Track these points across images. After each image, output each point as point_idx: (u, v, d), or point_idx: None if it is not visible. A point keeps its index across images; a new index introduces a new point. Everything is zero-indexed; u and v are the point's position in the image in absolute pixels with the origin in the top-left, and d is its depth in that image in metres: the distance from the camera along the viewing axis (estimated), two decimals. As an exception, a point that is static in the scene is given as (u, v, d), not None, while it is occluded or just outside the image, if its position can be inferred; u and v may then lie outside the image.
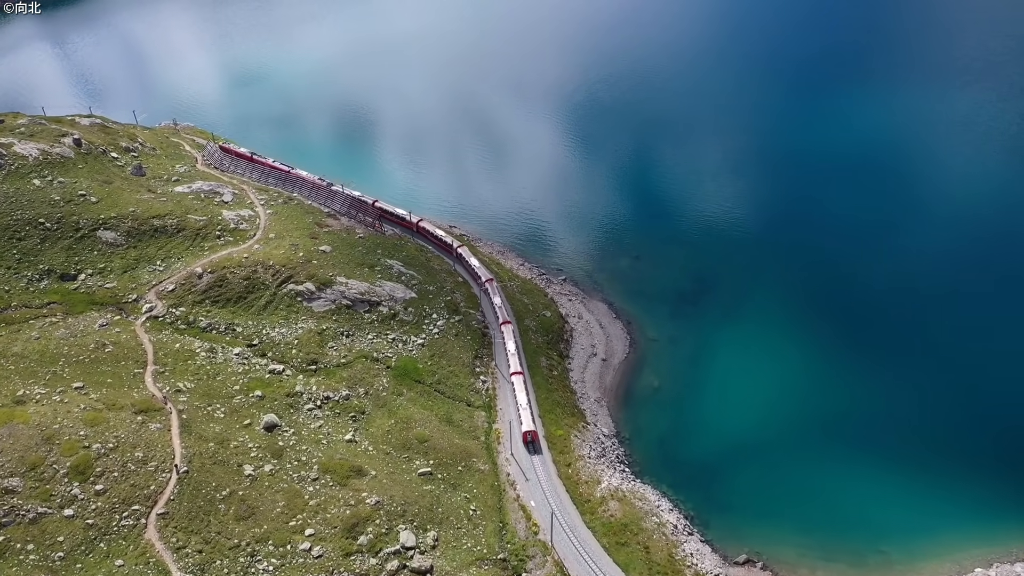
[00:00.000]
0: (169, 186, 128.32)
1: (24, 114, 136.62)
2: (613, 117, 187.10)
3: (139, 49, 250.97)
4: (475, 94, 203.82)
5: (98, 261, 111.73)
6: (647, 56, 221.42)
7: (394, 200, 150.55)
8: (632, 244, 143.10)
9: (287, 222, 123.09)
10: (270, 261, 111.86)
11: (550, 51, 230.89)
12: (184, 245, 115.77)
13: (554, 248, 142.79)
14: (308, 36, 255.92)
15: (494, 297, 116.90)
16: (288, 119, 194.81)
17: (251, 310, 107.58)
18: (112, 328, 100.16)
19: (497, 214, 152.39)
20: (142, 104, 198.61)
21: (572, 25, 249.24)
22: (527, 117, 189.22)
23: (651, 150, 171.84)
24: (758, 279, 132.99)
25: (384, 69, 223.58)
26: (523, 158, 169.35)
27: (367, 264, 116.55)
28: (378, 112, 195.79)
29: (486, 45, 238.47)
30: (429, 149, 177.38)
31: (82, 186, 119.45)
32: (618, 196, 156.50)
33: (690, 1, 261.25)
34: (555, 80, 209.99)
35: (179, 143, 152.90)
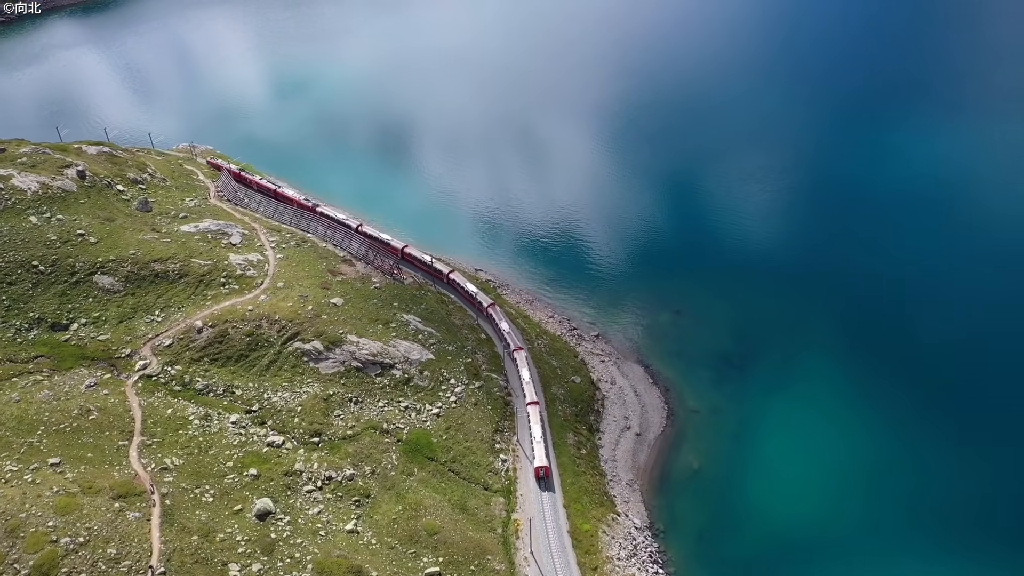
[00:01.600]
0: (175, 224, 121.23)
1: (28, 141, 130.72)
2: (653, 148, 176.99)
3: (160, 62, 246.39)
4: (510, 118, 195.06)
5: (93, 309, 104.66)
6: (691, 80, 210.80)
7: (418, 235, 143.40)
8: (672, 295, 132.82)
9: (298, 268, 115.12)
10: (276, 315, 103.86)
11: (589, 72, 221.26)
12: (186, 293, 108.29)
13: (587, 297, 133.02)
14: (341, 50, 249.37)
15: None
16: (312, 141, 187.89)
17: (252, 370, 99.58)
18: (100, 390, 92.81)
19: (526, 255, 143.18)
20: (160, 122, 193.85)
21: (614, 44, 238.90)
22: (562, 145, 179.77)
23: (693, 186, 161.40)
24: (813, 339, 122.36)
25: (417, 89, 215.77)
26: (556, 193, 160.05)
27: (381, 320, 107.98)
28: (407, 136, 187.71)
29: (522, 64, 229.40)
30: (458, 179, 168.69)
31: (82, 224, 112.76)
32: (658, 239, 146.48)
33: (739, 24, 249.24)
34: (593, 104, 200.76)
35: (192, 171, 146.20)
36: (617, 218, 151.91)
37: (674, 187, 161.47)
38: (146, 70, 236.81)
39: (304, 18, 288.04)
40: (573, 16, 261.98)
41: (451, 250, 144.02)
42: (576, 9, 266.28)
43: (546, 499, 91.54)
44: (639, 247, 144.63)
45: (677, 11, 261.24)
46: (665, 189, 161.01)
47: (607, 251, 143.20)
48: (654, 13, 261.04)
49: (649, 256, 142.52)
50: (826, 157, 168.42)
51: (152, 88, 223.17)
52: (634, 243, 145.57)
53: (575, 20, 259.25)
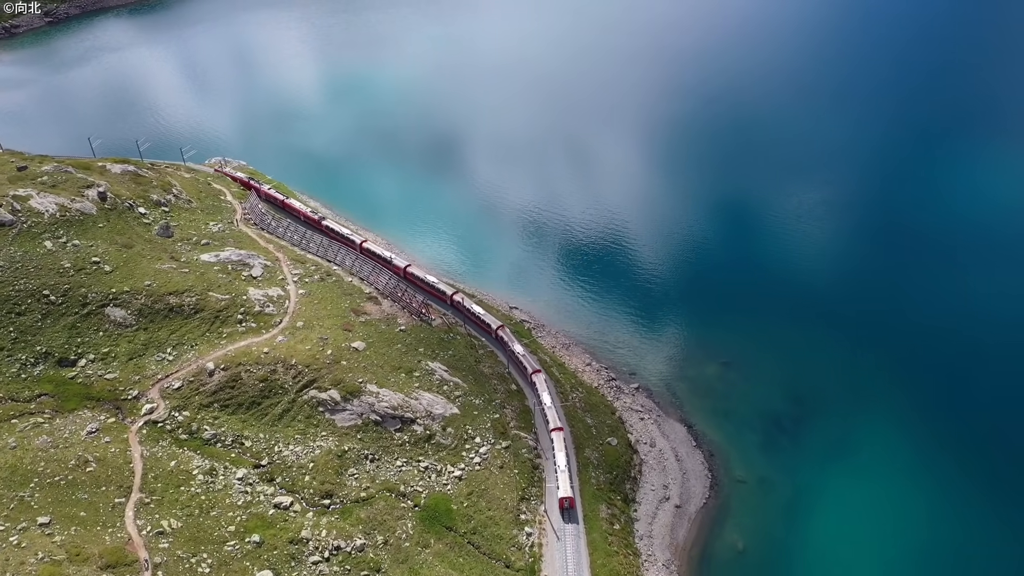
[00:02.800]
0: (196, 252, 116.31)
1: (52, 158, 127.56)
2: (706, 177, 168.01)
3: (201, 68, 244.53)
4: (557, 138, 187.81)
5: (102, 344, 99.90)
6: (751, 102, 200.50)
7: (453, 267, 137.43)
8: (721, 345, 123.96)
9: (320, 307, 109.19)
10: (292, 359, 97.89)
11: (643, 91, 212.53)
12: (200, 330, 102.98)
13: (629, 342, 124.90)
14: (387, 59, 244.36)
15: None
16: (350, 157, 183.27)
17: (264, 419, 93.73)
18: (101, 437, 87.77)
19: (565, 292, 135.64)
20: (195, 132, 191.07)
21: (670, 62, 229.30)
22: (609, 171, 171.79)
23: (747, 222, 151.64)
24: (877, 402, 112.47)
25: (462, 104, 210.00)
26: (600, 226, 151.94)
27: (405, 368, 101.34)
28: (449, 155, 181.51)
29: (575, 80, 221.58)
30: (498, 206, 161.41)
31: (98, 251, 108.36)
32: (707, 280, 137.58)
33: (810, 42, 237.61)
34: (646, 126, 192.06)
35: (220, 191, 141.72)
36: (664, 255, 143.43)
37: (726, 222, 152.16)
38: (185, 77, 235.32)
39: (350, 25, 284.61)
40: (629, 33, 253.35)
41: (486, 284, 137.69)
42: (634, 26, 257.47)
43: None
44: (686, 287, 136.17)
45: (740, 29, 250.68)
46: (717, 224, 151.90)
47: (652, 291, 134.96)
48: (715, 30, 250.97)
49: (697, 298, 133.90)
50: (897, 194, 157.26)
51: (190, 96, 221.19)
52: (681, 283, 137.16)
53: (630, 36, 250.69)
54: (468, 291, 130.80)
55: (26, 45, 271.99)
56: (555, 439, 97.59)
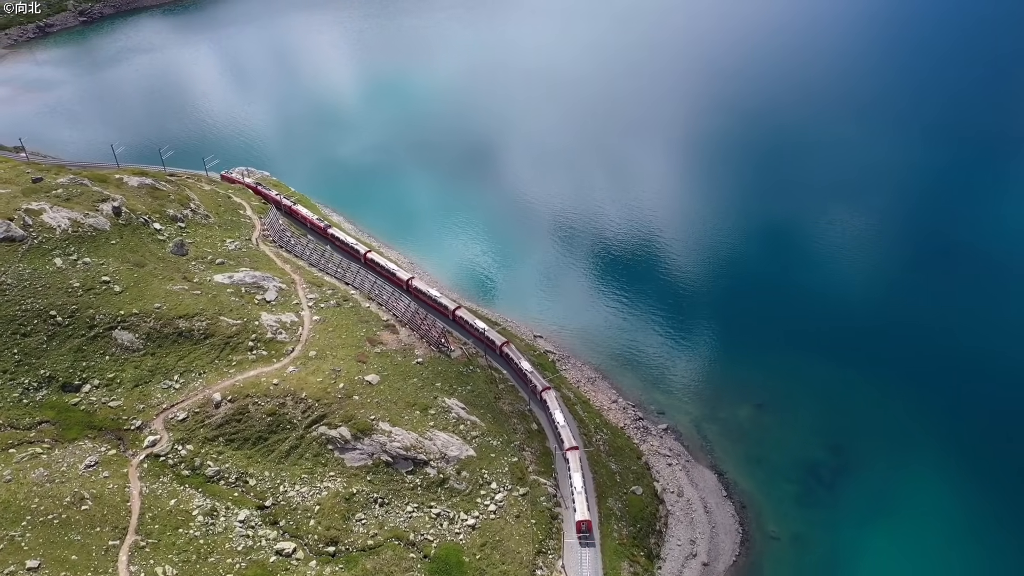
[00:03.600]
0: (209, 272, 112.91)
1: (69, 169, 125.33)
2: (747, 200, 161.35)
3: (230, 72, 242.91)
4: (592, 152, 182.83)
5: (108, 369, 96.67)
6: (796, 121, 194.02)
7: (477, 291, 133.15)
8: (755, 384, 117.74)
9: (334, 335, 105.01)
10: (303, 392, 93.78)
11: (684, 105, 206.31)
12: (209, 357, 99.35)
13: (657, 379, 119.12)
14: (420, 65, 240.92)
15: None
16: (376, 168, 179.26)
17: (270, 456, 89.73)
18: (100, 471, 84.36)
19: (592, 322, 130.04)
20: (221, 139, 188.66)
21: (715, 76, 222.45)
22: (643, 191, 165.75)
23: (788, 251, 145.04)
24: (924, 453, 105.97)
25: (497, 114, 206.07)
26: (630, 252, 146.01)
27: (420, 405, 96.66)
28: (479, 168, 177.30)
29: (614, 93, 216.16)
30: (525, 226, 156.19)
31: (109, 269, 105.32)
32: (742, 312, 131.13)
33: (860, 56, 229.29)
34: (685, 142, 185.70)
35: (240, 205, 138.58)
36: (697, 283, 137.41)
37: (765, 249, 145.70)
38: (213, 82, 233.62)
39: (383, 30, 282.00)
40: (668, 44, 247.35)
41: (511, 310, 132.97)
42: (675, 39, 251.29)
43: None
44: (721, 318, 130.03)
45: (785, 44, 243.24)
46: (755, 251, 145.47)
47: (683, 322, 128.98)
48: (764, 44, 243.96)
49: (731, 331, 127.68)
50: (952, 224, 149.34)
51: (217, 101, 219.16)
52: (715, 313, 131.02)
53: (669, 48, 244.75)
54: (493, 318, 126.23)
55: (60, 44, 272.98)
56: (570, 459, 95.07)
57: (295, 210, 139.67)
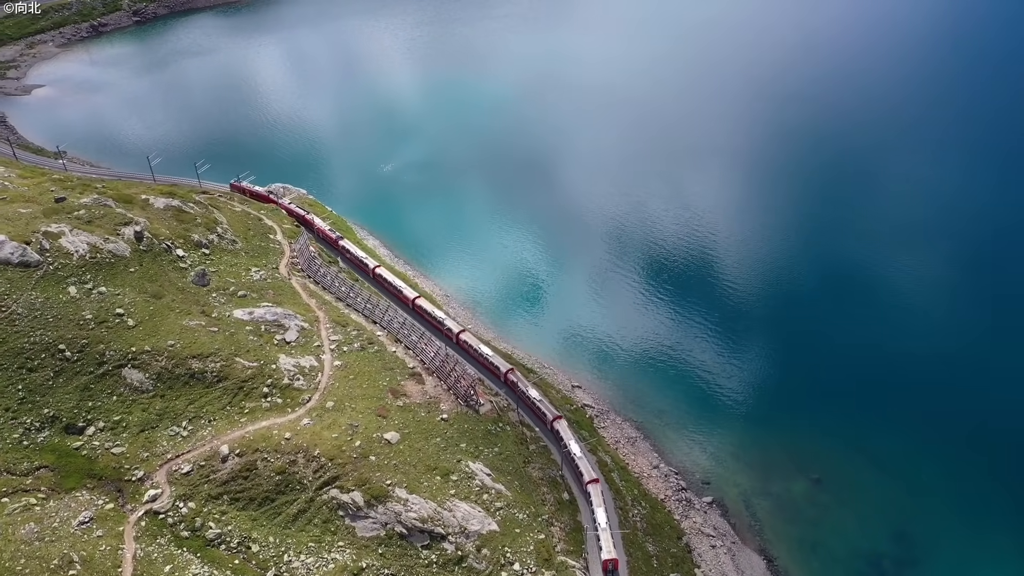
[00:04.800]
0: (229, 306, 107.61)
1: (94, 187, 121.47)
2: (812, 241, 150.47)
3: (276, 79, 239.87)
4: (645, 177, 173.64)
5: (115, 410, 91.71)
6: (866, 149, 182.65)
7: (518, 336, 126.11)
8: (812, 455, 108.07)
9: (355, 383, 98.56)
10: (316, 449, 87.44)
11: (742, 130, 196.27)
12: (221, 402, 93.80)
13: (705, 444, 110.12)
14: (473, 77, 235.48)
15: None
16: (416, 189, 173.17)
17: (277, 519, 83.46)
18: (94, 529, 79.10)
19: (635, 375, 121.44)
20: (260, 154, 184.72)
21: (783, 100, 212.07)
22: (697, 224, 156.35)
23: (855, 301, 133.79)
24: (1009, 552, 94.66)
25: (549, 126, 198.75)
26: (680, 295, 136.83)
27: (441, 469, 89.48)
28: (525, 190, 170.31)
29: (673, 112, 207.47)
30: (573, 255, 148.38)
31: (124, 301, 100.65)
32: (802, 372, 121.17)
33: (939, 81, 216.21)
34: (741, 171, 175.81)
35: (271, 228, 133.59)
36: (750, 338, 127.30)
37: (829, 297, 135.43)
38: (258, 88, 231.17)
39: (435, 38, 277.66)
40: (735, 65, 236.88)
41: (549, 353, 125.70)
42: (743, 59, 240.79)
43: None
44: (776, 377, 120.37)
45: (862, 66, 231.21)
46: (818, 299, 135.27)
47: (735, 380, 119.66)
48: (833, 65, 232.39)
49: (788, 391, 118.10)
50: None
51: (259, 109, 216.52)
52: (770, 372, 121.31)
53: (736, 68, 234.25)
54: (528, 363, 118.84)
55: (112, 44, 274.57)
56: (592, 492, 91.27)
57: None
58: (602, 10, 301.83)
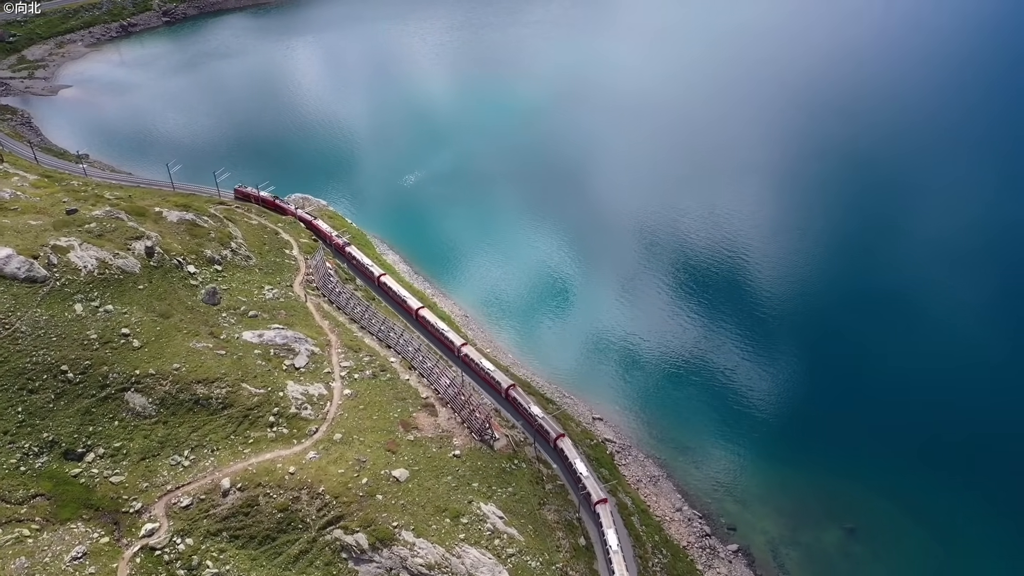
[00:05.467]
0: (239, 327, 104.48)
1: (107, 200, 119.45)
2: (851, 268, 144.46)
3: (304, 83, 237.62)
4: (680, 195, 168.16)
5: (116, 436, 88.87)
6: (916, 167, 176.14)
7: (535, 361, 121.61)
8: (846, 503, 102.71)
9: (364, 414, 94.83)
10: (321, 486, 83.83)
11: (781, 146, 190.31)
12: (225, 431, 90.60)
13: (733, 485, 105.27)
14: (504, 83, 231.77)
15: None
16: (444, 200, 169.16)
17: (277, 560, 79.89)
18: (86, 565, 76.14)
19: (661, 407, 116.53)
20: (282, 163, 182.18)
21: (816, 109, 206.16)
22: (731, 247, 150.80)
23: (900, 335, 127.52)
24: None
25: (581, 142, 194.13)
26: (710, 323, 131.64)
27: (451, 511, 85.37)
28: (555, 205, 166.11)
29: (704, 122, 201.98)
30: (599, 284, 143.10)
31: (131, 320, 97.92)
32: (837, 411, 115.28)
33: (986, 96, 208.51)
34: (780, 191, 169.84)
35: (288, 243, 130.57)
36: (784, 374, 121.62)
37: (868, 332, 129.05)
38: (282, 93, 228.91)
39: (465, 44, 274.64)
40: (772, 72, 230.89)
41: (571, 382, 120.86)
42: (780, 68, 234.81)
43: None
44: (809, 418, 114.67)
45: (909, 76, 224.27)
46: (856, 335, 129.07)
47: (766, 417, 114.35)
48: (875, 74, 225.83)
49: (821, 433, 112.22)
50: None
51: (283, 115, 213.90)
52: (804, 411, 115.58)
53: (774, 76, 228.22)
54: (548, 393, 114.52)
55: (141, 44, 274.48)
56: (601, 513, 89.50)
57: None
58: (634, 16, 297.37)
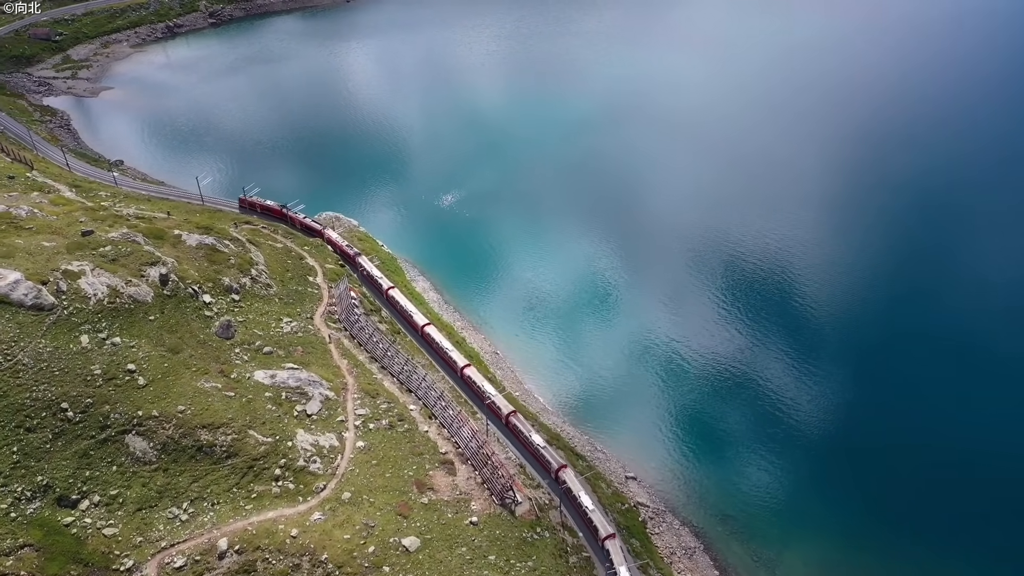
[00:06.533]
0: (251, 365, 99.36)
1: (127, 219, 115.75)
2: (919, 316, 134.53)
3: (346, 91, 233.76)
4: (736, 229, 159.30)
5: (113, 483, 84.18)
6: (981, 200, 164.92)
7: (567, 405, 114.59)
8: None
9: (377, 470, 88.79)
10: (324, 553, 77.99)
11: (843, 176, 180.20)
12: (228, 482, 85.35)
13: (776, 567, 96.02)
14: (552, 95, 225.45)
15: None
16: (480, 224, 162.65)
17: (272, 634, 74.08)
18: (69, 631, 71.04)
19: (703, 468, 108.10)
20: (311, 181, 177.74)
21: (880, 137, 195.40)
22: (784, 291, 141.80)
23: (983, 399, 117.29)
24: None
25: (633, 163, 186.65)
26: (761, 381, 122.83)
27: (463, 588, 78.81)
28: (603, 232, 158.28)
29: (763, 145, 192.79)
30: (647, 322, 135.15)
31: (138, 355, 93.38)
32: (900, 490, 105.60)
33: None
34: (840, 225, 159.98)
35: (312, 268, 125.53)
36: (839, 433, 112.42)
37: (948, 387, 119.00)
38: (322, 102, 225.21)
39: (512, 53, 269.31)
40: (839, 93, 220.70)
41: (604, 432, 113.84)
42: (848, 89, 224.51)
43: None
44: (867, 490, 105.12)
45: (971, 101, 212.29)
46: (933, 386, 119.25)
47: (815, 484, 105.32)
48: (952, 104, 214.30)
49: (883, 509, 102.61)
50: None
51: (320, 126, 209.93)
52: (859, 481, 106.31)
53: (840, 98, 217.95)
54: (579, 447, 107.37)
55: (186, 46, 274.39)
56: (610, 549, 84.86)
57: (345, 251, 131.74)
58: (691, 27, 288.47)
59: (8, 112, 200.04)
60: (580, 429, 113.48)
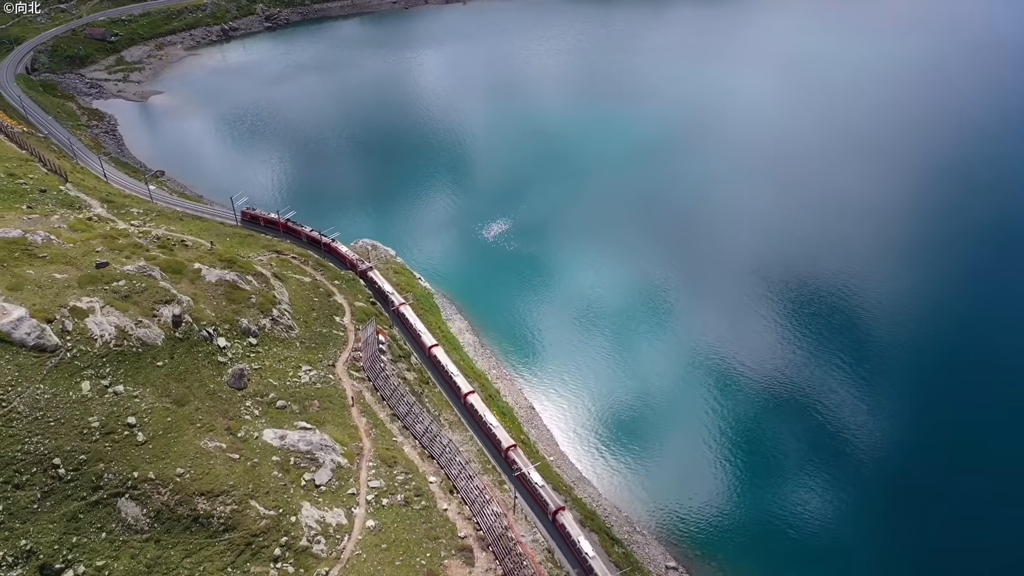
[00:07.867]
0: (261, 421, 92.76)
1: (145, 250, 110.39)
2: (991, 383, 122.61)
3: (390, 103, 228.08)
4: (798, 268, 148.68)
5: (101, 552, 78.11)
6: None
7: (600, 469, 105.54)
8: None
9: (386, 556, 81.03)
10: (318, 657, 70.38)
11: (906, 212, 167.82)
12: (223, 560, 78.61)
13: None
14: (616, 116, 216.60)
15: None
16: (530, 259, 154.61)
17: None
18: None
19: (750, 564, 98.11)
20: (349, 202, 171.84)
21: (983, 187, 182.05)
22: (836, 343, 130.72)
23: None
24: None
25: (701, 188, 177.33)
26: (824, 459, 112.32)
27: None
28: (664, 277, 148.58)
29: (826, 169, 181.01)
30: (711, 380, 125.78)
31: (140, 407, 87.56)
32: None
33: None
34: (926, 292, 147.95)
35: (340, 307, 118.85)
36: (921, 522, 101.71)
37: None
38: (372, 116, 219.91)
39: (572, 70, 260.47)
40: (931, 126, 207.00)
41: (645, 516, 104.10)
42: (934, 121, 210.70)
43: None
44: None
45: None
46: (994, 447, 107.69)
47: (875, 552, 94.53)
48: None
49: None
50: None
51: (367, 142, 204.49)
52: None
53: (931, 130, 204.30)
54: (615, 526, 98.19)
55: (240, 50, 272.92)
56: None
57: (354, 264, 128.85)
58: (767, 44, 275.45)
59: (55, 115, 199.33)
60: (616, 505, 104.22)
